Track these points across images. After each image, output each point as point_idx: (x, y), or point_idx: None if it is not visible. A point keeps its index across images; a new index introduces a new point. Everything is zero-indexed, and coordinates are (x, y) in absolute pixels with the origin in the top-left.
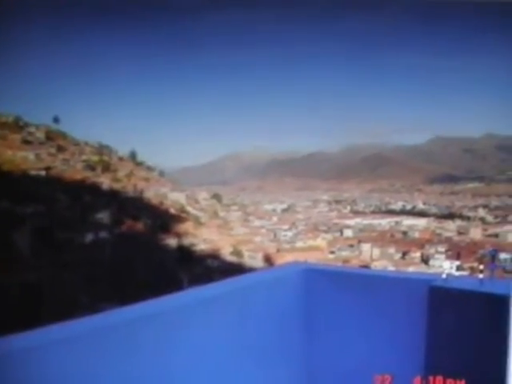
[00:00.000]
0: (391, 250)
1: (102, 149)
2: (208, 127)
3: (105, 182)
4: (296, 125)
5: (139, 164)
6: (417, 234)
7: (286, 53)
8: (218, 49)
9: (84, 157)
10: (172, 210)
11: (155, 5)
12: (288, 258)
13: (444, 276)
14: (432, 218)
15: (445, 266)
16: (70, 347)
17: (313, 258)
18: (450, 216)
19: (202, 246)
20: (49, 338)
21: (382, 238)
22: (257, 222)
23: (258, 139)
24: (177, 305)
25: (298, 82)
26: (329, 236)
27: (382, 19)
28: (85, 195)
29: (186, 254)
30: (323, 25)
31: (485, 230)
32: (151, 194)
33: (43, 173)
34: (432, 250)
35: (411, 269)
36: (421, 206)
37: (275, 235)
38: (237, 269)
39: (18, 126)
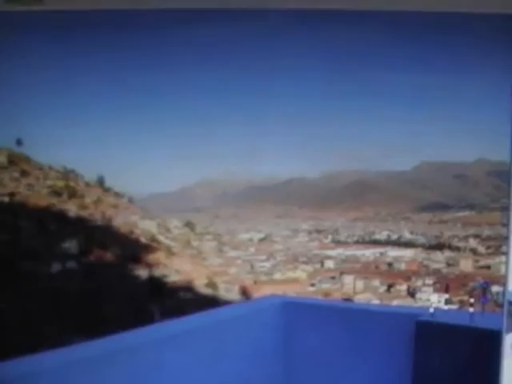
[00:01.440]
0: (376, 283)
1: (67, 173)
2: (179, 152)
3: (71, 208)
4: (274, 149)
5: (107, 190)
6: (403, 266)
7: (262, 70)
8: (188, 68)
9: (49, 182)
10: (142, 239)
11: (122, 23)
12: (266, 290)
13: (431, 310)
14: (419, 249)
15: (432, 300)
16: (36, 381)
17: (292, 291)
18: (439, 246)
19: (174, 278)
20: (10, 374)
21: (365, 270)
22: (232, 253)
23: (232, 164)
24: (147, 340)
25: (275, 102)
26: (309, 267)
27: (366, 33)
28: (50, 223)
29: (157, 286)
30: (302, 40)
31: (476, 261)
32: (120, 221)
33: (6, 199)
34: (419, 283)
35: (397, 302)
36: (407, 235)
37: (252, 266)
38: (211, 302)
39: None
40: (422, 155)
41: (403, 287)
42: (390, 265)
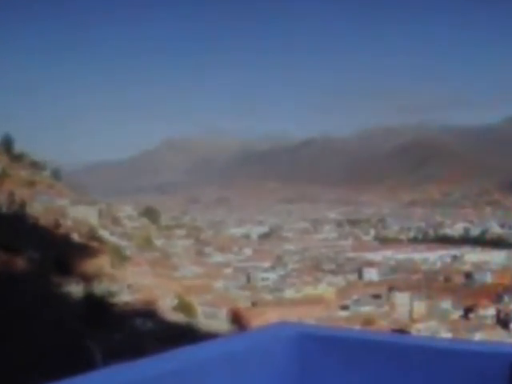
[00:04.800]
0: (446, 304)
1: None
2: (136, 102)
3: None
4: (283, 98)
5: (18, 158)
6: (489, 278)
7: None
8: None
9: None
10: (75, 236)
11: None
12: (270, 316)
13: None
14: None
15: None
16: None
17: (312, 317)
18: None
19: (125, 297)
20: None
21: (429, 284)
22: (218, 257)
23: (220, 118)
24: None
25: (285, 39)
26: (339, 280)
27: None
28: None
29: (98, 310)
30: None
31: None
32: (39, 208)
33: None
34: None
35: (480, 336)
36: (496, 229)
37: (249, 278)
38: (184, 334)
39: None
40: None
41: (490, 312)
42: (468, 276)
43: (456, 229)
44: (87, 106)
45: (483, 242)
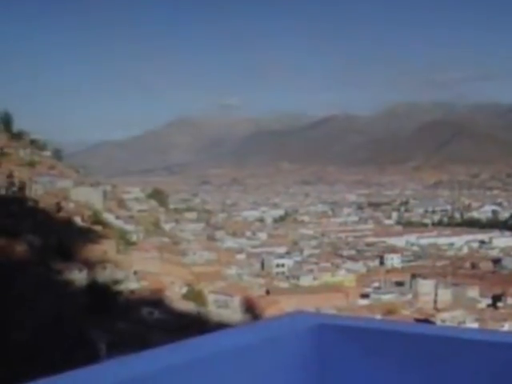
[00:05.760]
0: (473, 293)
1: None
2: (142, 77)
3: None
4: (298, 70)
5: (17, 136)
6: None
7: None
8: None
9: None
10: (77, 220)
11: None
12: (286, 304)
13: None
14: None
15: None
16: None
17: (331, 305)
18: None
19: (131, 285)
20: None
21: (455, 271)
22: (230, 242)
23: (229, 94)
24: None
25: (298, 6)
26: (359, 266)
27: None
28: None
29: (102, 299)
30: None
31: None
32: (40, 189)
33: None
34: None
35: (509, 326)
36: None
37: (263, 265)
38: (194, 324)
39: None
40: None
41: None
42: (496, 262)
43: (484, 212)
44: (91, 84)
45: None
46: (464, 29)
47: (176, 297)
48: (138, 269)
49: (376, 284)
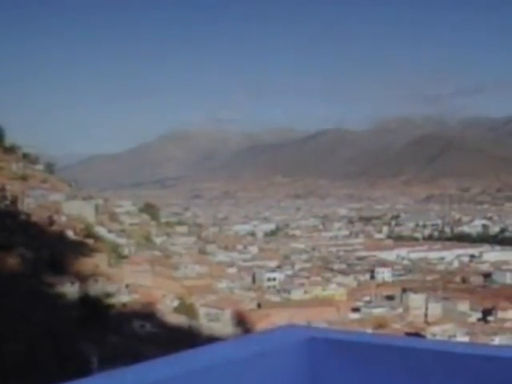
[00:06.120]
0: (463, 307)
1: None
2: (133, 89)
3: None
4: (291, 85)
5: (9, 150)
6: (509, 279)
7: None
8: None
9: None
10: (70, 233)
11: None
12: (277, 318)
13: None
14: None
15: None
16: None
17: (322, 319)
18: None
19: (123, 298)
20: None
21: (445, 285)
22: (221, 256)
23: (223, 108)
24: None
25: (293, 18)
26: (350, 280)
27: None
28: None
29: (94, 312)
30: None
31: None
32: (32, 203)
33: None
34: None
35: (499, 340)
36: None
37: (254, 278)
38: (185, 338)
39: None
40: None
41: (510, 314)
42: (487, 276)
43: (474, 226)
44: (83, 98)
45: (503, 240)
46: (456, 43)
47: (167, 310)
48: (129, 282)
49: (367, 298)
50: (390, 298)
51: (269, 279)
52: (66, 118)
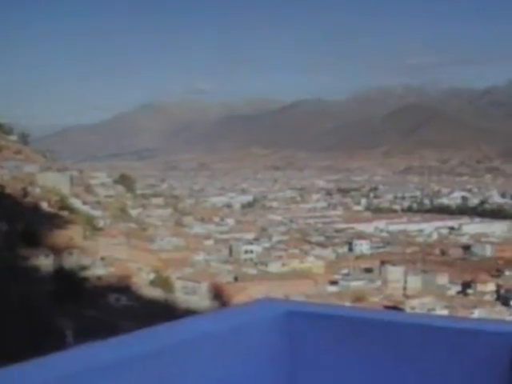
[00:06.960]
0: (443, 279)
1: None
2: (110, 61)
3: None
4: (269, 54)
5: None
6: (489, 251)
7: None
8: None
9: None
10: (44, 205)
11: None
12: (254, 291)
13: None
14: None
15: None
16: None
17: (299, 292)
18: None
19: (98, 271)
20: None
21: (424, 258)
22: (198, 228)
23: (200, 78)
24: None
25: None
26: (328, 252)
27: None
28: None
29: (68, 285)
30: None
31: None
32: (6, 174)
33: None
34: None
35: (479, 313)
36: (497, 198)
37: (231, 251)
38: (162, 311)
39: None
40: None
41: (489, 287)
42: (466, 249)
43: (453, 198)
44: (60, 67)
45: (482, 212)
46: (438, 13)
47: (143, 283)
48: (104, 255)
49: (345, 271)
50: (368, 270)
51: (246, 252)
52: (41, 91)
